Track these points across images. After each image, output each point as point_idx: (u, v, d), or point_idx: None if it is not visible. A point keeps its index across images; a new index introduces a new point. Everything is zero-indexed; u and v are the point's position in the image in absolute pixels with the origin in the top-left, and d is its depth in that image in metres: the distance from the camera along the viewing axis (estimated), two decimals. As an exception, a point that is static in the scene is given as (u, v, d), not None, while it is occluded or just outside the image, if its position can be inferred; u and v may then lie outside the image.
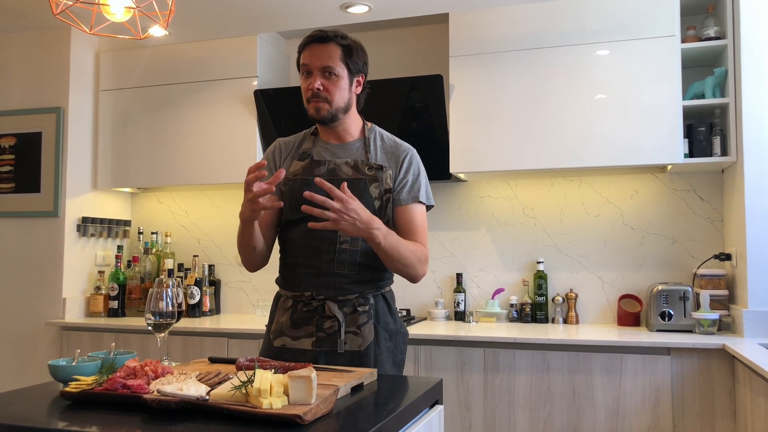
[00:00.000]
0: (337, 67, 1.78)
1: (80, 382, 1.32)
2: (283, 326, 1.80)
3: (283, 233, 1.86)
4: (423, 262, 1.80)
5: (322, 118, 1.80)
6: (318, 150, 1.86)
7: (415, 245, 1.79)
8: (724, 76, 2.83)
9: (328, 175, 1.78)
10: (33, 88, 3.56)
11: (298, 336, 1.77)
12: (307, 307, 1.78)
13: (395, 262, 1.74)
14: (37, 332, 3.44)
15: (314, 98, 1.78)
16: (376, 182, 1.78)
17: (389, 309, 1.85)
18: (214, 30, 3.40)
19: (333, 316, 1.75)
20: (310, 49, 1.80)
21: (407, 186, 1.83)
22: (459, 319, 3.28)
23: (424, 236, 1.84)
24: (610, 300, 3.17)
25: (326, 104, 1.78)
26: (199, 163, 3.48)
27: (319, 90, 1.77)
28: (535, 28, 3.01)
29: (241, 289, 3.72)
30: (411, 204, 1.83)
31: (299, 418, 1.09)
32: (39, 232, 3.50)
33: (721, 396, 2.50)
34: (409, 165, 1.84)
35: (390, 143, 1.88)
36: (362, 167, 1.80)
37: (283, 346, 1.78)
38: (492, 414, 2.72)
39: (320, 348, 1.74)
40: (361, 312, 1.77)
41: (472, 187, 3.40)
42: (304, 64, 1.81)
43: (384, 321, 1.81)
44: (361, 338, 1.75)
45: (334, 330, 1.75)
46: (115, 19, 1.89)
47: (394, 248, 1.70)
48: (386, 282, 1.87)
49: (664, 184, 3.14)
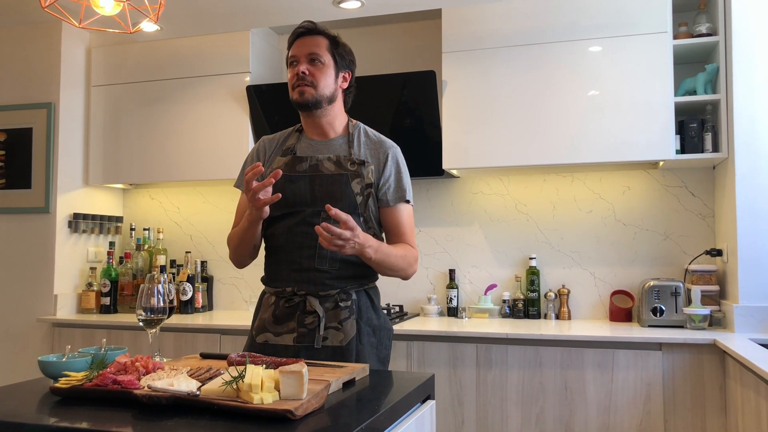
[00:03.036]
0: (324, 55, 1.80)
1: (70, 378, 1.31)
2: (266, 322, 1.80)
3: (266, 229, 1.85)
4: (413, 264, 1.84)
5: (305, 102, 1.79)
6: (302, 146, 1.86)
7: (404, 249, 1.80)
8: (716, 73, 2.84)
9: (310, 170, 1.79)
10: (23, 84, 3.53)
11: (280, 332, 1.77)
12: (289, 302, 1.78)
13: (386, 270, 1.78)
14: (29, 328, 3.43)
15: (299, 82, 1.78)
16: (358, 177, 1.78)
17: (372, 305, 1.85)
18: (206, 25, 3.38)
19: (314, 311, 1.75)
20: (298, 42, 1.82)
21: (392, 185, 1.83)
22: (452, 314, 3.28)
23: (412, 236, 1.86)
24: (602, 296, 3.18)
25: (311, 88, 1.78)
26: (192, 159, 3.46)
27: (305, 74, 1.77)
28: (527, 24, 3.01)
29: (234, 286, 3.71)
30: (398, 204, 1.84)
31: (290, 414, 1.09)
32: (30, 228, 3.48)
33: (711, 391, 2.51)
34: (393, 162, 1.84)
35: (374, 139, 1.88)
36: (344, 163, 1.80)
37: (265, 342, 1.78)
38: (484, 409, 2.72)
39: (301, 343, 1.74)
40: (342, 307, 1.77)
41: (465, 183, 3.41)
42: (291, 56, 1.82)
43: (367, 316, 1.81)
44: (343, 333, 1.75)
45: (316, 325, 1.75)
46: (104, 13, 1.88)
47: (385, 260, 1.73)
48: (370, 278, 1.86)
49: (656, 181, 3.15)
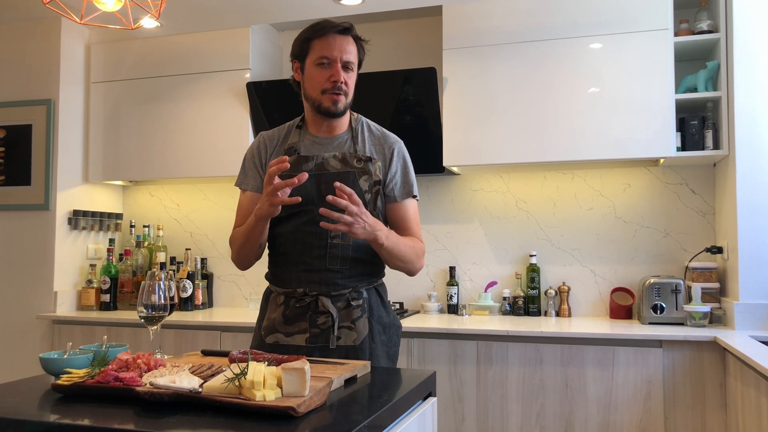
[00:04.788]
0: (355, 62, 1.77)
1: (72, 375, 1.31)
2: (276, 322, 1.78)
3: (272, 230, 1.80)
4: (420, 257, 1.83)
5: (337, 112, 1.76)
6: (305, 144, 1.83)
7: (413, 241, 1.80)
8: (717, 70, 2.84)
9: (316, 169, 1.76)
10: (23, 80, 3.52)
11: (292, 332, 1.75)
12: (300, 303, 1.76)
13: (396, 260, 1.75)
14: (29, 326, 3.42)
15: (336, 90, 1.73)
16: (365, 174, 1.77)
17: (382, 302, 1.84)
18: (207, 22, 3.37)
19: (327, 311, 1.74)
20: (331, 39, 1.73)
21: (399, 181, 1.82)
22: (452, 312, 3.28)
23: (418, 230, 1.85)
24: (602, 293, 3.18)
25: (344, 98, 1.76)
26: (191, 156, 3.46)
27: (343, 83, 1.74)
28: (528, 21, 3.00)
29: (234, 283, 3.71)
30: (405, 200, 1.83)
31: (293, 410, 1.09)
32: (30, 225, 3.47)
33: (712, 388, 2.51)
34: (399, 158, 1.83)
35: (378, 134, 1.86)
36: (351, 160, 1.77)
37: (276, 343, 1.76)
38: (485, 406, 2.72)
39: (314, 344, 1.73)
40: (354, 306, 1.76)
41: (465, 180, 3.40)
42: (324, 57, 1.73)
43: (378, 314, 1.80)
44: (356, 333, 1.74)
45: (328, 325, 1.73)
46: (105, 9, 1.88)
47: (395, 247, 1.71)
48: (379, 275, 1.86)
49: (657, 178, 3.15)
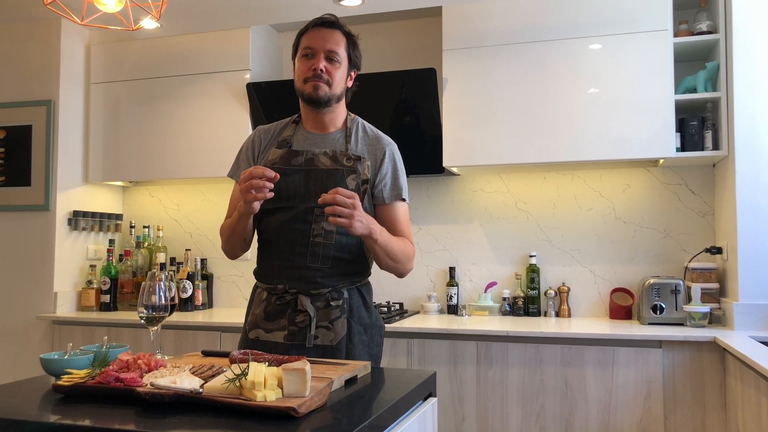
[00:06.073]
0: (341, 54, 1.78)
1: (73, 376, 1.31)
2: (258, 318, 1.80)
3: (259, 223, 1.83)
4: (410, 259, 1.83)
5: (318, 98, 1.76)
6: (298, 138, 1.84)
7: (404, 242, 1.80)
8: (716, 71, 2.84)
9: (305, 164, 1.77)
10: (23, 81, 3.52)
11: (271, 329, 1.77)
12: (280, 300, 1.77)
13: (387, 259, 1.76)
14: (29, 326, 3.42)
15: (315, 78, 1.75)
16: (353, 173, 1.77)
17: (364, 303, 1.83)
18: (207, 22, 3.38)
19: (305, 310, 1.74)
20: (315, 32, 1.78)
21: (389, 183, 1.82)
22: (452, 312, 3.29)
23: (409, 233, 1.86)
24: (602, 293, 3.19)
25: (326, 86, 1.76)
26: (191, 157, 3.46)
27: (322, 71, 1.75)
28: (528, 21, 3.01)
29: (234, 283, 3.71)
30: (394, 202, 1.83)
31: (294, 411, 1.09)
32: (30, 225, 3.47)
33: (711, 388, 2.52)
34: (390, 160, 1.83)
35: (371, 135, 1.87)
36: (340, 158, 1.78)
37: (257, 338, 1.78)
38: (485, 407, 2.73)
39: (292, 342, 1.74)
40: (334, 307, 1.76)
41: (465, 180, 3.40)
42: (307, 47, 1.77)
43: (358, 315, 1.80)
44: (333, 333, 1.74)
45: (306, 324, 1.74)
46: (106, 10, 1.88)
47: (388, 245, 1.72)
48: (362, 275, 1.85)
49: (656, 178, 3.16)
